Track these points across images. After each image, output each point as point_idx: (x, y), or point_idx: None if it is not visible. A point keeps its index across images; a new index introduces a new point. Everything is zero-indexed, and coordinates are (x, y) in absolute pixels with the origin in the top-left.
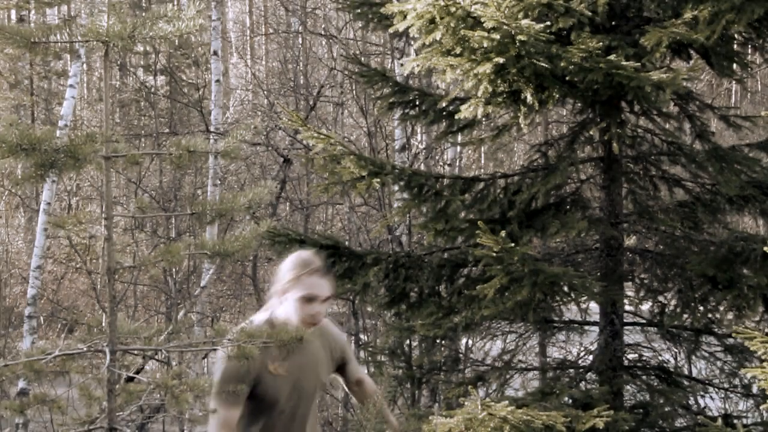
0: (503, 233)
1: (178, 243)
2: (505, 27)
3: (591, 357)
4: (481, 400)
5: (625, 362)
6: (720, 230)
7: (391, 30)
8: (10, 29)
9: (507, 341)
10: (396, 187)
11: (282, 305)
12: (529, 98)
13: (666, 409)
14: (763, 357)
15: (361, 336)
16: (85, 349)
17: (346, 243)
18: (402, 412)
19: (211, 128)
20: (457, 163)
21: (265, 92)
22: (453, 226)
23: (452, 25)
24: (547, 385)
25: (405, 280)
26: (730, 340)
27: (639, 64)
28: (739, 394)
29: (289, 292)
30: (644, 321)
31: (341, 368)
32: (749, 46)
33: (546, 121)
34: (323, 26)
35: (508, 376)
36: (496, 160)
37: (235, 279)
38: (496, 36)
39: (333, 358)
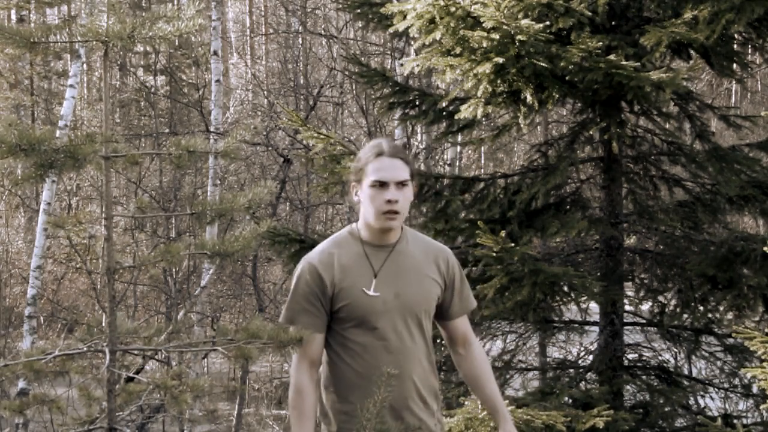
0: (503, 233)
1: (178, 243)
2: (504, 27)
3: (591, 357)
4: None
5: (625, 362)
6: (720, 230)
7: (391, 30)
8: (10, 29)
9: (507, 341)
10: None
11: (361, 206)
12: (529, 98)
13: (666, 409)
14: (763, 357)
15: None
16: (85, 349)
17: None
18: None
19: (211, 128)
20: (457, 163)
21: (265, 92)
22: (453, 226)
23: (452, 25)
24: (547, 385)
25: None
26: (730, 340)
27: (639, 63)
28: (739, 394)
29: (361, 186)
30: (644, 321)
31: (443, 307)
32: (749, 46)
33: (546, 121)
34: (323, 26)
35: (508, 376)
36: (496, 160)
37: (235, 279)
38: (496, 36)
39: (442, 273)
